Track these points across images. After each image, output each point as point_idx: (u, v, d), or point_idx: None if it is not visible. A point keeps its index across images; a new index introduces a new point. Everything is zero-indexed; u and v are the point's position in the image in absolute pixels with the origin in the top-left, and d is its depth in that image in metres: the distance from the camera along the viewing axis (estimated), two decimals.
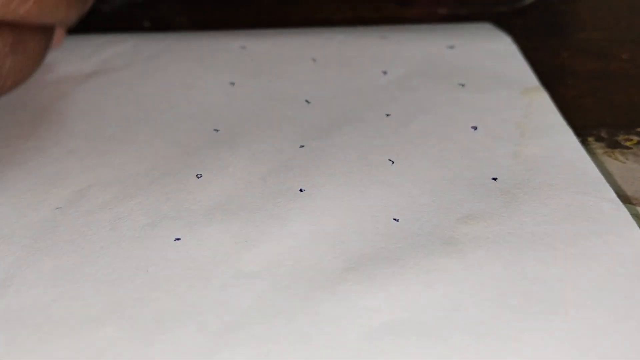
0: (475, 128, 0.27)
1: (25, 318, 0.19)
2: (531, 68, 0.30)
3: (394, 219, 0.22)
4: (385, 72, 0.30)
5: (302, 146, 0.26)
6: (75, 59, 0.32)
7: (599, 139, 0.28)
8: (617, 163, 0.26)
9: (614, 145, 0.27)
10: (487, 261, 0.20)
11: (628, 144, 0.28)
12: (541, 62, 0.32)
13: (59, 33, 0.30)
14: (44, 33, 0.27)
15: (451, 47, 0.32)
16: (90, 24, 0.38)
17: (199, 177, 0.25)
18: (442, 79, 0.30)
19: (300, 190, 0.24)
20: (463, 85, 0.29)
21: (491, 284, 0.20)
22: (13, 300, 0.20)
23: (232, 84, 0.30)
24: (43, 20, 0.26)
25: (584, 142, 0.27)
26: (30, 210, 0.23)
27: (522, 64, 0.30)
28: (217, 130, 0.27)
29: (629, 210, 0.22)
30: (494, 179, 0.24)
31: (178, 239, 0.22)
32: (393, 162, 0.25)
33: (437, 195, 0.23)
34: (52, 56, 0.32)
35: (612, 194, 0.23)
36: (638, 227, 0.21)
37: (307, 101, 0.29)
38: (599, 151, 0.27)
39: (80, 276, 0.21)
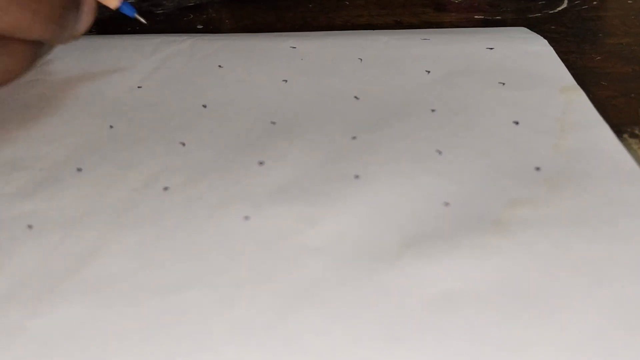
0: (517, 123, 0.28)
1: (113, 283, 0.21)
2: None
3: (445, 203, 0.24)
4: (428, 71, 0.32)
5: (354, 137, 0.28)
6: (137, 56, 0.34)
7: (632, 135, 0.29)
8: None
9: None
10: (535, 240, 0.22)
11: None
12: (574, 64, 0.34)
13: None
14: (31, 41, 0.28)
15: (490, 48, 0.34)
16: (145, 26, 0.40)
17: (261, 164, 0.27)
18: (483, 78, 0.31)
19: (356, 176, 0.26)
20: (503, 83, 0.31)
21: (540, 259, 0.21)
22: (102, 268, 0.22)
23: (285, 81, 0.32)
24: (18, 36, 0.27)
25: (619, 138, 0.29)
26: (109, 190, 0.25)
27: (559, 64, 0.32)
28: (274, 123, 0.29)
29: None
30: (537, 168, 0.26)
31: (247, 218, 0.24)
32: (440, 153, 0.27)
33: (484, 182, 0.25)
34: (113, 54, 0.34)
35: None
36: None
37: (356, 97, 0.31)
38: (634, 146, 0.29)
39: (161, 249, 0.23)
